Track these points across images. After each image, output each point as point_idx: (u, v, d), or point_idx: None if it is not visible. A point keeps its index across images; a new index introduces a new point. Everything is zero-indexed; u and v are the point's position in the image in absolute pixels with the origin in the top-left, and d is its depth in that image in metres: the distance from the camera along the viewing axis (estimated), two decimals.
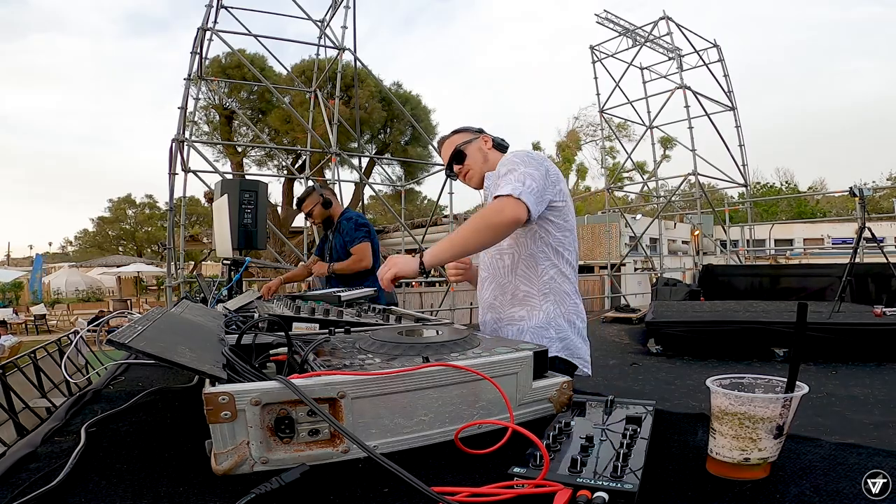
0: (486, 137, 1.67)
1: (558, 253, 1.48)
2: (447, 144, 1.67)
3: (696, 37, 12.82)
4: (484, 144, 1.65)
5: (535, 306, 1.48)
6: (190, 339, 0.88)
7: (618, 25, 12.64)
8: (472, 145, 1.63)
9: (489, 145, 1.65)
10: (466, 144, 1.63)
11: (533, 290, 1.48)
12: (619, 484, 0.57)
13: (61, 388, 2.22)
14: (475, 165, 1.62)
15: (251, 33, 8.52)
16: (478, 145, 1.64)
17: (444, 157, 1.68)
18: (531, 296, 1.48)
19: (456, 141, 1.65)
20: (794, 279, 8.88)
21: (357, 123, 8.71)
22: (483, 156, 1.63)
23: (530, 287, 1.49)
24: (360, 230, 3.04)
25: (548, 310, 1.48)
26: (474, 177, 1.63)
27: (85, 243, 33.56)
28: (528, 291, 1.49)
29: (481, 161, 1.62)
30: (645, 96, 13.33)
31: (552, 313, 1.48)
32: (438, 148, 1.74)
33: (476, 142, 1.64)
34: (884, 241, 10.59)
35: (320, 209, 3.17)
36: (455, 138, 1.66)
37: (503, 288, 1.52)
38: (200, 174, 6.82)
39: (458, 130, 1.69)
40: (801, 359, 0.65)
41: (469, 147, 1.63)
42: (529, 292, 1.49)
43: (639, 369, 5.51)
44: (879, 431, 3.37)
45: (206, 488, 0.63)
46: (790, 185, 30.90)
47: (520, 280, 1.49)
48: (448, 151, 1.65)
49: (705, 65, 12.86)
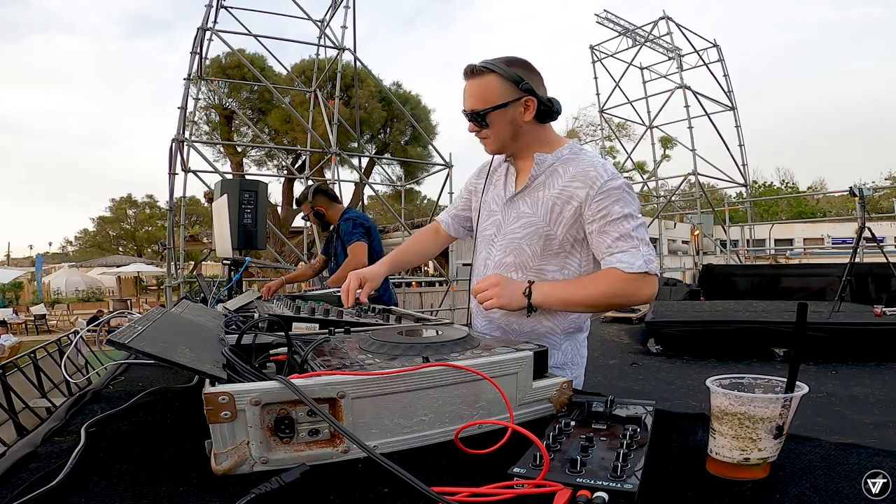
0: (531, 102, 1.23)
1: None
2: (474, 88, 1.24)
3: (695, 37, 12.85)
4: (522, 114, 1.24)
5: (554, 344, 1.30)
6: (190, 339, 0.88)
7: (618, 25, 12.65)
8: (504, 114, 1.23)
9: (529, 115, 1.24)
10: (497, 112, 1.22)
11: (557, 329, 1.31)
12: (619, 484, 0.57)
13: (61, 388, 2.22)
14: (497, 138, 1.27)
15: (251, 33, 8.53)
16: (511, 115, 1.23)
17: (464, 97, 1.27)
18: (553, 334, 1.31)
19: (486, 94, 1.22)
20: (794, 279, 8.88)
21: (357, 123, 8.71)
22: (513, 130, 1.25)
23: (555, 325, 1.30)
24: (357, 230, 3.02)
25: (566, 349, 1.33)
26: (491, 145, 1.30)
27: (85, 243, 33.58)
28: (550, 328, 1.30)
29: (509, 136, 1.26)
30: (645, 96, 13.35)
31: (570, 353, 1.34)
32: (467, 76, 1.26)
33: (512, 109, 1.23)
34: (884, 240, 10.60)
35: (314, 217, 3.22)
36: (487, 87, 1.22)
37: (522, 318, 1.29)
38: (200, 174, 6.82)
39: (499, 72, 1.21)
40: (801, 359, 0.65)
41: (497, 116, 1.23)
42: (553, 330, 1.31)
43: (639, 369, 5.51)
44: (879, 431, 3.36)
45: (206, 488, 0.63)
46: (790, 185, 30.90)
47: (545, 315, 1.29)
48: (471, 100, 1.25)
49: (705, 65, 12.88)
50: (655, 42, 12.66)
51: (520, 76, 1.22)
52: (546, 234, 1.25)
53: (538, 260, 1.27)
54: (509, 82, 1.22)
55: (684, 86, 12.00)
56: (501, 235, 1.33)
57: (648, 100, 13.32)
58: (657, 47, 12.80)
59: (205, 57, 7.72)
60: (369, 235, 3.05)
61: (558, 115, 1.28)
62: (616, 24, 12.65)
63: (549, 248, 1.26)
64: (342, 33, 8.06)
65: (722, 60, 12.93)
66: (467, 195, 1.51)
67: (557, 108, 1.27)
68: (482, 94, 1.23)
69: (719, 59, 12.94)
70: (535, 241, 1.26)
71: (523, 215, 1.28)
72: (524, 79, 1.22)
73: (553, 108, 1.26)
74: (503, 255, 1.32)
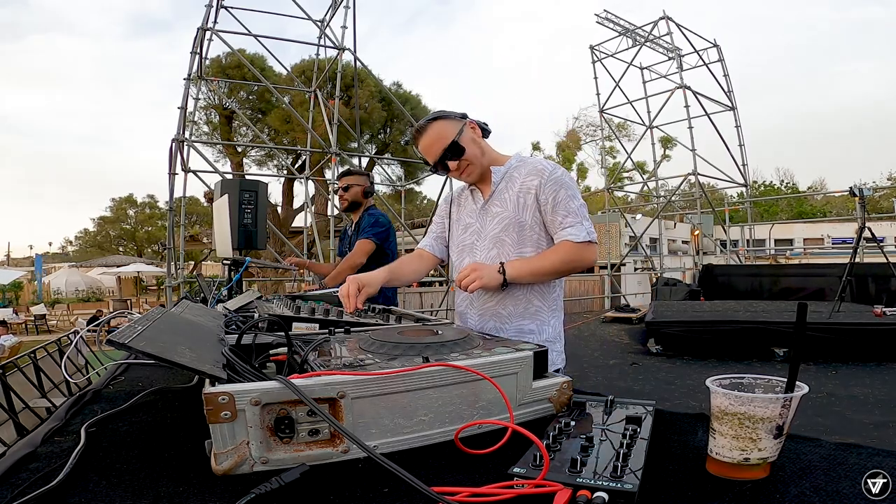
0: (472, 124, 1.48)
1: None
2: (433, 136, 1.44)
3: (695, 37, 12.84)
4: (474, 133, 1.48)
5: (544, 321, 1.49)
6: (190, 339, 0.88)
7: (618, 25, 12.65)
8: (465, 137, 1.44)
9: (478, 132, 1.50)
10: (460, 137, 1.43)
11: (545, 306, 1.49)
12: (619, 484, 0.57)
13: (61, 388, 2.22)
14: (475, 160, 1.47)
15: (251, 33, 8.52)
16: (469, 135, 1.46)
17: (428, 151, 1.46)
18: (542, 311, 1.49)
19: (446, 133, 1.44)
20: (794, 279, 8.89)
21: (357, 123, 8.72)
22: (479, 147, 1.48)
23: (543, 302, 1.49)
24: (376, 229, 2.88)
25: (555, 325, 1.51)
26: (474, 171, 1.49)
27: (85, 243, 33.57)
28: (540, 306, 1.49)
29: (479, 153, 1.47)
30: (645, 96, 13.34)
31: (557, 328, 1.52)
32: (416, 139, 1.49)
33: (466, 131, 1.45)
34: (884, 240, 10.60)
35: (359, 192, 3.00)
36: (442, 129, 1.44)
37: (515, 299, 1.47)
38: (200, 174, 6.82)
39: (440, 116, 1.47)
40: (801, 359, 0.65)
41: (463, 139, 1.44)
42: (541, 307, 1.49)
43: (639, 369, 5.51)
44: (879, 431, 3.37)
45: (206, 488, 0.63)
46: (790, 185, 30.91)
47: (534, 294, 1.48)
48: (437, 145, 1.44)
49: (705, 65, 12.87)
50: (655, 42, 12.66)
51: (452, 112, 1.50)
52: (518, 223, 1.47)
53: (517, 246, 1.48)
54: (450, 118, 1.48)
55: (684, 86, 12.00)
56: (482, 238, 1.53)
57: (648, 100, 13.33)
58: (657, 47, 12.80)
59: (205, 57, 7.72)
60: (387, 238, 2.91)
61: (490, 130, 1.54)
62: (616, 24, 12.65)
63: (523, 234, 1.47)
64: (342, 33, 8.06)
65: (722, 60, 12.93)
66: (440, 220, 1.72)
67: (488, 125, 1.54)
68: (441, 134, 1.45)
69: (719, 59, 12.94)
70: (511, 231, 1.47)
71: (497, 214, 1.50)
72: (455, 112, 1.50)
73: (486, 125, 1.53)
74: (486, 251, 1.51)
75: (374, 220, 2.92)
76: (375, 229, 2.88)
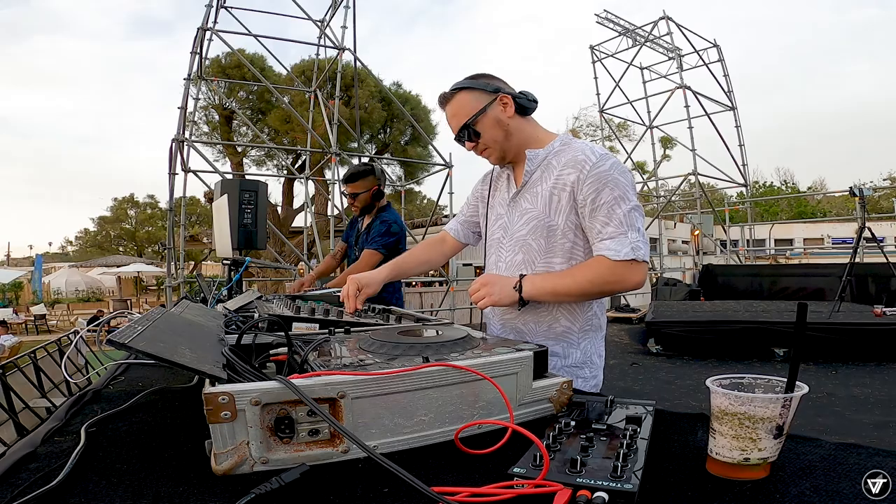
0: (506, 98, 1.26)
1: None
2: (453, 111, 1.30)
3: (695, 37, 12.84)
4: (503, 111, 1.27)
5: (572, 343, 1.30)
6: (190, 339, 0.88)
7: (618, 25, 12.65)
8: (487, 118, 1.27)
9: (510, 111, 1.27)
10: (480, 117, 1.26)
11: (574, 327, 1.30)
12: (619, 484, 0.57)
13: (61, 388, 2.22)
14: (495, 144, 1.30)
15: (251, 33, 8.52)
16: (494, 116, 1.27)
17: (449, 123, 1.32)
18: (571, 332, 1.30)
19: (465, 108, 1.27)
20: (794, 279, 8.88)
21: (357, 123, 8.71)
22: (503, 130, 1.28)
23: (572, 323, 1.30)
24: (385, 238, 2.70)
25: (585, 348, 1.31)
26: (493, 154, 1.32)
27: (85, 243, 33.57)
28: (568, 327, 1.30)
29: (502, 137, 1.29)
30: (645, 96, 13.34)
31: (588, 351, 1.32)
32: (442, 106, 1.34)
33: (492, 110, 1.26)
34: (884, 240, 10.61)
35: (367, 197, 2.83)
36: (463, 103, 1.27)
37: (538, 316, 1.30)
38: (200, 174, 6.82)
39: (465, 87, 1.28)
40: (801, 359, 0.65)
41: (483, 121, 1.27)
42: (570, 329, 1.30)
43: (639, 369, 5.51)
44: (879, 431, 3.37)
45: (206, 488, 0.63)
46: (790, 185, 30.90)
47: (561, 313, 1.29)
48: (454, 121, 1.30)
49: (705, 65, 12.87)
50: (655, 42, 12.65)
51: (485, 82, 1.29)
52: (548, 226, 1.26)
53: (544, 254, 1.28)
54: (478, 90, 1.28)
55: (684, 86, 12.00)
56: (509, 236, 1.35)
57: (648, 100, 13.32)
58: (657, 47, 12.79)
59: (205, 57, 7.72)
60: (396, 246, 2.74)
61: (536, 103, 1.31)
62: (616, 24, 12.65)
63: (553, 239, 1.26)
64: (342, 33, 8.06)
65: (722, 60, 12.93)
66: (475, 202, 1.53)
67: (532, 97, 1.30)
68: (460, 109, 1.28)
69: (719, 59, 12.93)
70: (539, 235, 1.27)
71: (526, 212, 1.30)
72: (489, 83, 1.29)
73: (528, 98, 1.30)
74: (512, 254, 1.33)
75: (385, 229, 2.74)
76: (385, 239, 2.71)
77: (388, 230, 2.75)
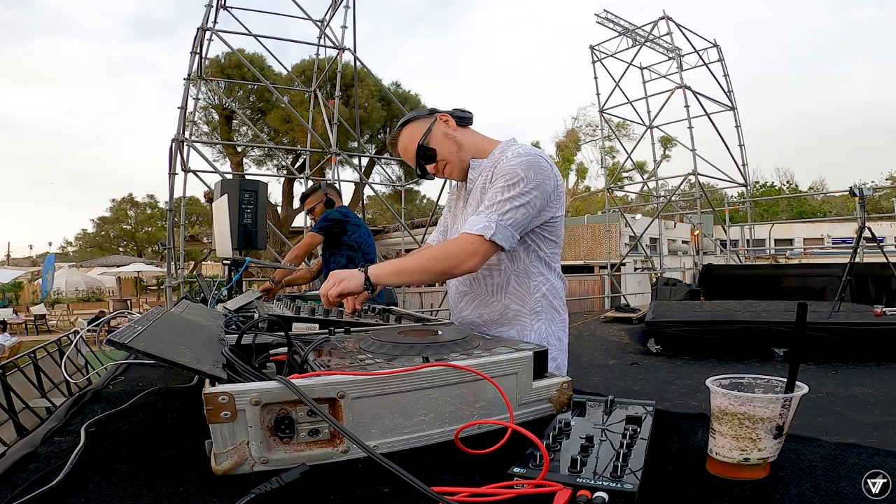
0: (444, 116, 1.35)
1: (550, 267, 1.33)
2: (403, 143, 1.36)
3: (696, 37, 12.84)
4: (446, 125, 1.34)
5: (525, 326, 1.33)
6: (190, 339, 0.88)
7: (618, 25, 12.64)
8: (435, 135, 1.32)
9: (453, 125, 1.35)
10: (429, 136, 1.32)
11: (524, 310, 1.33)
12: (618, 484, 0.57)
13: (61, 388, 2.21)
14: (451, 157, 1.33)
15: (251, 33, 8.53)
16: (441, 131, 1.33)
17: (405, 158, 1.38)
18: (522, 315, 1.33)
19: (412, 137, 1.34)
20: (794, 279, 8.89)
21: (357, 123, 8.71)
22: (454, 142, 1.33)
23: (522, 306, 1.33)
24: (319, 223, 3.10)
25: (540, 329, 1.34)
26: (455, 170, 1.36)
27: (85, 243, 33.56)
28: (518, 311, 1.33)
29: (455, 149, 1.33)
30: (645, 96, 13.33)
31: (544, 332, 1.34)
32: (393, 150, 1.42)
33: (436, 128, 1.33)
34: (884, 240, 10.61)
35: (321, 208, 3.25)
36: (409, 133, 1.35)
37: (489, 306, 1.34)
38: (200, 174, 6.82)
39: (407, 122, 1.37)
40: (801, 359, 0.65)
41: (432, 139, 1.32)
42: (520, 311, 1.33)
43: (639, 369, 5.51)
44: (879, 431, 3.37)
45: (206, 488, 0.63)
46: (790, 185, 30.90)
47: (510, 299, 1.32)
48: (408, 152, 1.35)
49: (705, 65, 12.87)
50: (655, 42, 12.65)
51: (420, 110, 1.39)
52: None
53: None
54: (418, 119, 1.37)
55: (684, 86, 12.00)
56: None
57: (648, 100, 13.31)
58: (657, 47, 12.79)
59: (205, 57, 7.72)
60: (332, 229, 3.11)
61: (471, 114, 1.39)
62: (616, 24, 12.64)
63: None
64: (342, 33, 8.07)
65: (722, 60, 12.93)
66: (447, 212, 1.58)
67: (465, 110, 1.39)
68: (410, 137, 1.35)
69: (719, 59, 12.93)
70: None
71: (466, 217, 1.32)
72: (424, 109, 1.39)
73: (462, 111, 1.38)
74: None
75: (323, 217, 3.16)
76: (320, 223, 3.15)
77: (324, 218, 3.18)
